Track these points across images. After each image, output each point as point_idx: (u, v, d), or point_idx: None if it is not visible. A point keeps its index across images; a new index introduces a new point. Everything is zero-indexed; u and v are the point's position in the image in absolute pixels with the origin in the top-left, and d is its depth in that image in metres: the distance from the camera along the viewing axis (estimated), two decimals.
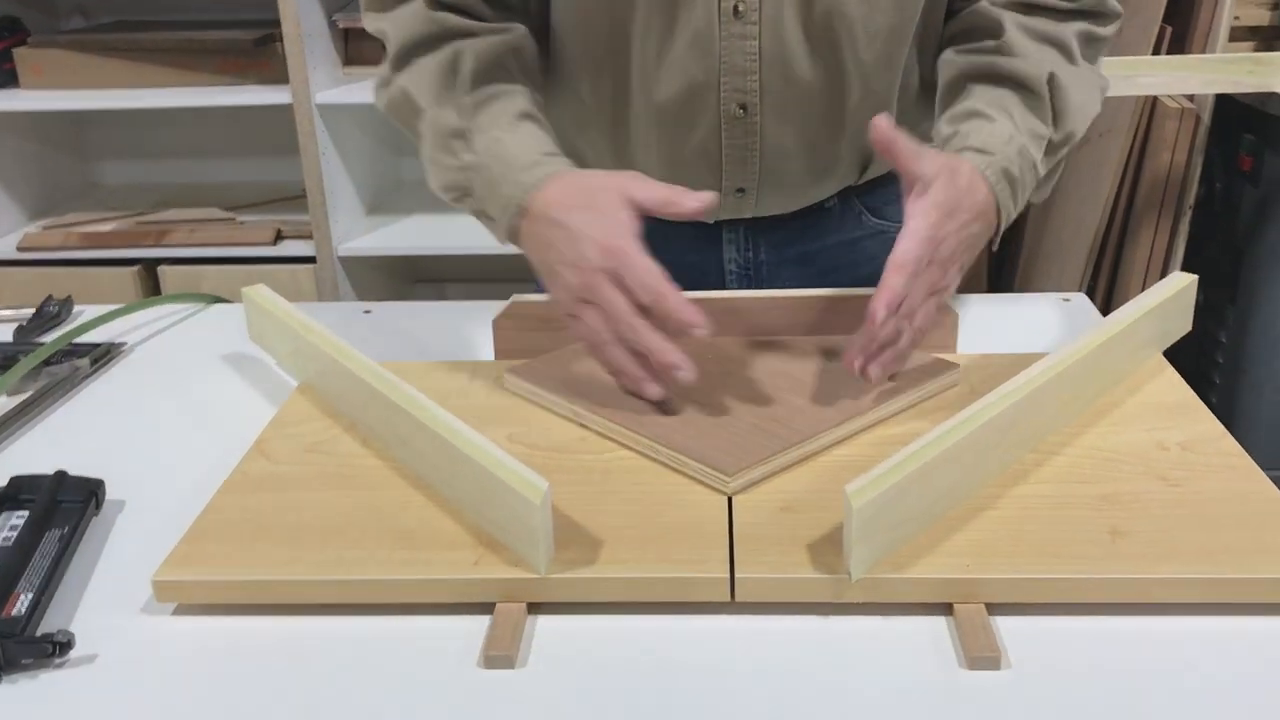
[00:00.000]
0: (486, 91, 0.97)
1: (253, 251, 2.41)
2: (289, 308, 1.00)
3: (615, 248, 0.85)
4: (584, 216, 0.87)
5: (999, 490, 0.78)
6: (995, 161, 0.91)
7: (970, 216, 0.89)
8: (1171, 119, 2.11)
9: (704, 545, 0.73)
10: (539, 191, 0.90)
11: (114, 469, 0.88)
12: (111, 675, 0.68)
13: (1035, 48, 0.97)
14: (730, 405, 0.89)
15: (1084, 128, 0.96)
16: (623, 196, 0.87)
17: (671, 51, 1.00)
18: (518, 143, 0.93)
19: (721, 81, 1.01)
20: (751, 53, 0.99)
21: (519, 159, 0.92)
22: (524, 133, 0.95)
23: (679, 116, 1.04)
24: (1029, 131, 0.95)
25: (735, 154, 1.06)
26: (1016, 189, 0.93)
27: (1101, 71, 1.02)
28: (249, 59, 2.36)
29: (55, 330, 1.18)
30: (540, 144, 0.94)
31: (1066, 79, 0.96)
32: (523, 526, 0.71)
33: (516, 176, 0.91)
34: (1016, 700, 0.64)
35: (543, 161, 0.92)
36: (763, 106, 1.02)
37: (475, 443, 0.75)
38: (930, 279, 0.87)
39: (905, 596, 0.70)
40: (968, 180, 0.89)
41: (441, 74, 0.97)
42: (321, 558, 0.73)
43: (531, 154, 0.93)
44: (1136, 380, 0.94)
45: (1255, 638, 0.68)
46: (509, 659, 0.67)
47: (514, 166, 0.92)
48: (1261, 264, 2.15)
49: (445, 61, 0.97)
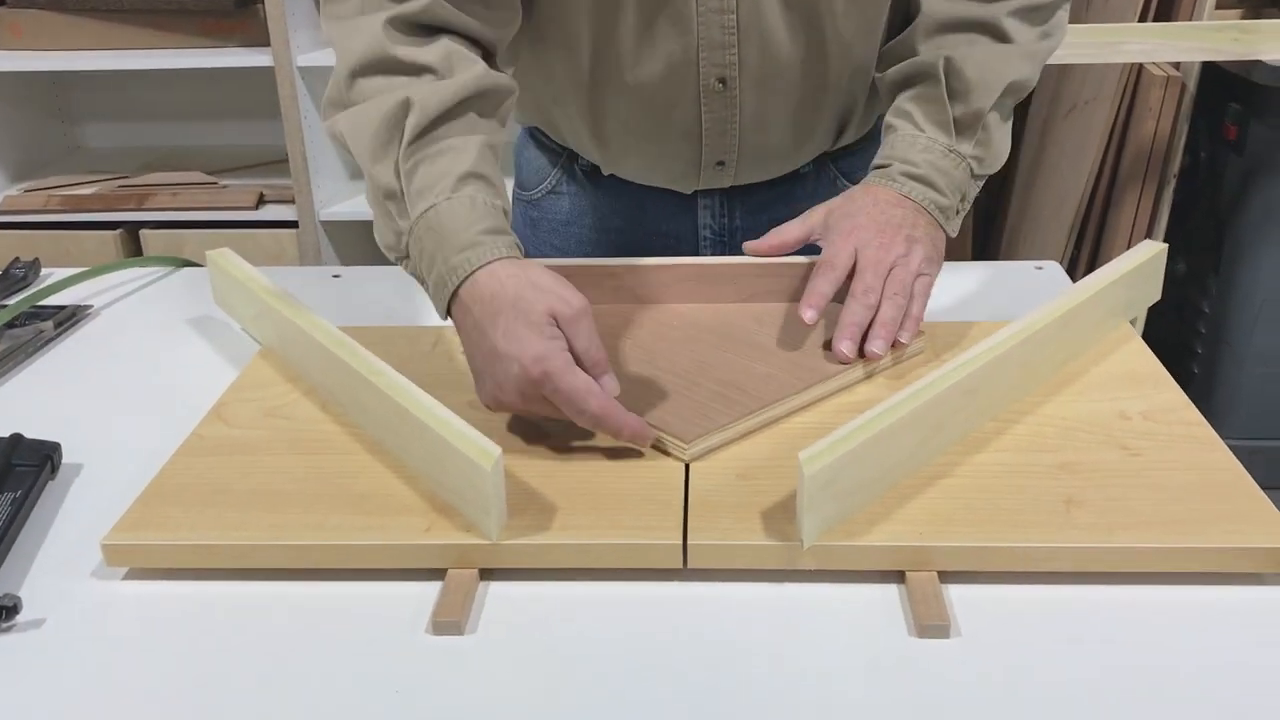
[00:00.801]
0: (427, 151, 0.86)
1: (235, 215, 2.39)
2: (252, 272, 0.99)
3: (540, 374, 0.77)
4: (507, 329, 0.79)
5: (957, 458, 0.78)
6: (891, 171, 0.96)
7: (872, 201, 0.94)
8: (1157, 87, 2.10)
9: (658, 512, 0.73)
10: (470, 281, 0.82)
11: (73, 433, 0.87)
12: (59, 640, 0.68)
13: (937, 40, 0.99)
14: (694, 372, 0.88)
15: (991, 100, 0.97)
16: (549, 313, 0.79)
17: (650, 28, 0.99)
18: (454, 215, 0.83)
19: (700, 56, 1.00)
20: (730, 27, 0.98)
21: (454, 237, 0.83)
22: (462, 202, 0.84)
23: (658, 92, 1.03)
24: (935, 123, 0.97)
25: (715, 128, 1.05)
26: (933, 176, 0.96)
27: (1052, 32, 1.02)
28: (231, 20, 2.34)
29: (21, 293, 1.17)
30: (480, 217, 0.83)
31: (964, 59, 0.97)
32: (475, 492, 0.70)
33: (449, 257, 0.82)
34: (964, 668, 0.64)
35: (480, 242, 0.82)
36: (742, 80, 1.02)
37: (429, 408, 0.75)
38: (874, 256, 0.91)
39: (857, 564, 0.70)
40: (860, 190, 0.97)
41: (385, 126, 0.86)
42: (273, 522, 0.73)
43: (469, 232, 0.83)
44: (1103, 349, 0.93)
45: (1209, 607, 0.68)
46: (458, 625, 0.67)
47: (446, 245, 0.83)
48: (1245, 233, 2.14)
49: (390, 112, 0.86)
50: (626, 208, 1.17)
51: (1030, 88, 1.02)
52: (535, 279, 0.81)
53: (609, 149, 1.11)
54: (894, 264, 0.91)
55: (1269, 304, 2.16)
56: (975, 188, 1.00)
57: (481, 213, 0.84)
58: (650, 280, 1.00)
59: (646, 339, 0.94)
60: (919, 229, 0.94)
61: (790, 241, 0.98)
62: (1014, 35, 0.98)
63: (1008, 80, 0.97)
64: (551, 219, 1.21)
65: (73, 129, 2.79)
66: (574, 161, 1.17)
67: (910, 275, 0.91)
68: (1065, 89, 2.38)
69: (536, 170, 1.21)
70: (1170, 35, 1.99)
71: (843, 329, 0.89)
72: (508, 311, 0.79)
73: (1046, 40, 1.01)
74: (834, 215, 0.96)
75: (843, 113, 1.10)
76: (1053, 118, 2.43)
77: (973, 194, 1.00)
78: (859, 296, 0.90)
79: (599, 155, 1.13)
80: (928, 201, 0.95)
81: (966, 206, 0.99)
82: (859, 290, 0.90)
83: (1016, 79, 0.98)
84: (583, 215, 1.19)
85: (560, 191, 1.20)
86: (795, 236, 0.98)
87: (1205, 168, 2.22)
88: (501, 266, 0.82)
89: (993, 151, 0.99)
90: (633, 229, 1.17)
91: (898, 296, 0.90)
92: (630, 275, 1.00)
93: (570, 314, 0.79)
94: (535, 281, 0.80)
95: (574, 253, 1.20)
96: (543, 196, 1.21)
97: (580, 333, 0.79)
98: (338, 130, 0.90)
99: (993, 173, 1.01)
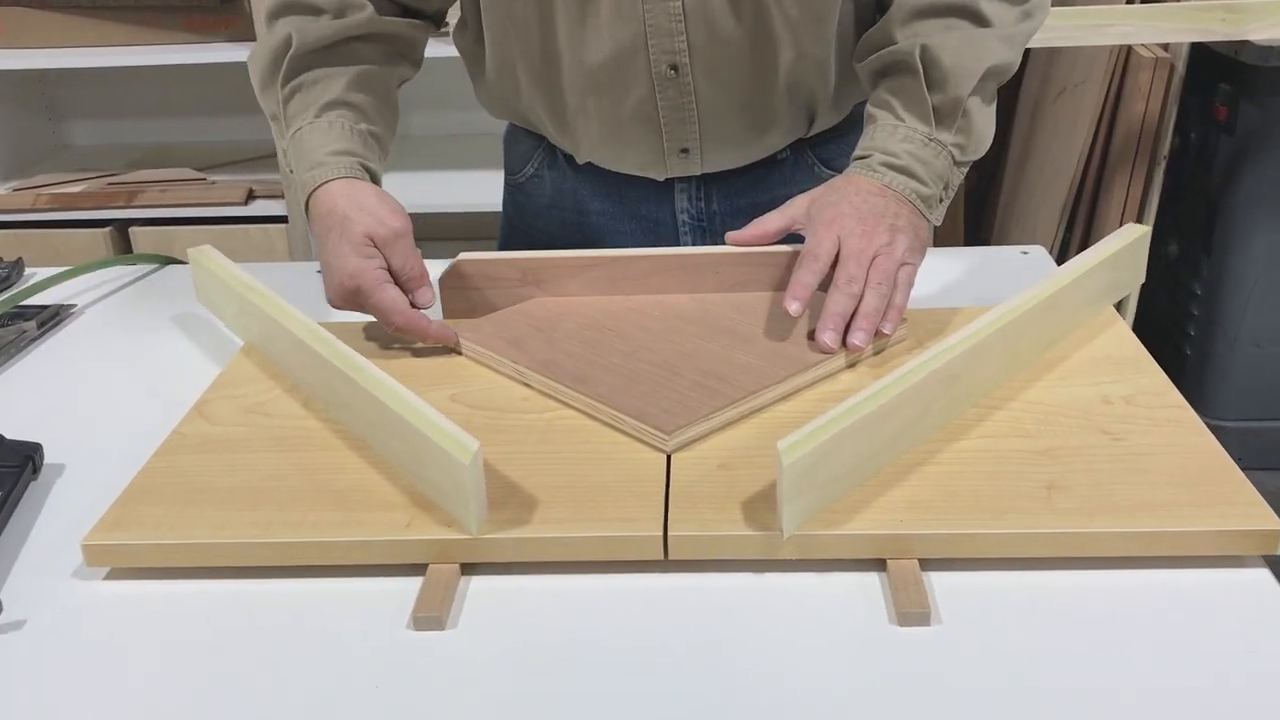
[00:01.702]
0: (303, 78, 1.00)
1: (224, 211, 2.39)
2: (233, 269, 0.99)
3: (354, 288, 0.91)
4: (332, 246, 0.92)
5: (938, 445, 0.78)
6: (871, 161, 0.96)
7: (853, 191, 0.94)
8: (1146, 69, 2.09)
9: (639, 504, 0.73)
10: (314, 198, 0.95)
11: (55, 433, 0.87)
12: (39, 640, 0.67)
13: (914, 27, 0.98)
14: (675, 363, 0.88)
15: (969, 86, 0.96)
16: (366, 235, 0.92)
17: (596, 16, 0.99)
18: (313, 135, 0.97)
19: (650, 43, 1.00)
20: (675, 13, 0.98)
21: (308, 154, 0.96)
22: (321, 125, 0.98)
23: (612, 80, 1.03)
24: (915, 113, 0.97)
25: (673, 115, 1.05)
26: (914, 166, 0.95)
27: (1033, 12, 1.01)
28: (216, 16, 2.33)
29: (4, 293, 1.17)
30: (333, 139, 0.97)
31: (940, 46, 0.96)
32: (455, 486, 0.70)
33: (302, 174, 0.96)
34: (945, 655, 0.63)
35: (325, 162, 0.95)
36: (693, 66, 1.02)
37: (409, 403, 0.74)
38: (857, 246, 0.90)
39: (838, 553, 0.70)
40: (842, 180, 0.96)
41: (272, 58, 1.00)
42: (254, 520, 0.73)
43: (318, 152, 0.96)
44: (1086, 333, 0.93)
45: (1189, 591, 0.68)
46: (439, 620, 0.67)
47: (302, 163, 0.96)
48: (1236, 215, 2.14)
49: (277, 44, 1.00)
50: (606, 193, 1.17)
51: (1012, 70, 1.01)
52: (362, 200, 0.93)
53: (577, 139, 1.11)
54: (877, 253, 0.91)
55: (1261, 285, 2.16)
56: (959, 175, 0.99)
57: (336, 135, 0.97)
58: (631, 270, 1.00)
59: (627, 329, 0.94)
60: (902, 218, 0.93)
61: (771, 231, 0.98)
62: (992, 18, 0.98)
63: (985, 66, 0.96)
64: (535, 202, 1.22)
65: (60, 127, 2.78)
66: (554, 149, 1.18)
67: (894, 264, 0.91)
68: (1054, 72, 2.37)
69: (520, 156, 1.22)
70: (1158, 16, 1.99)
71: (826, 319, 0.89)
72: (335, 229, 0.92)
73: (1027, 21, 1.00)
74: (816, 205, 0.96)
75: (805, 100, 1.09)
76: (1042, 101, 2.43)
77: (956, 181, 0.99)
78: (842, 286, 0.90)
79: (570, 145, 1.13)
80: (909, 191, 0.94)
81: (950, 194, 0.99)
82: (842, 280, 0.90)
83: (995, 64, 0.97)
84: (564, 199, 1.20)
85: (542, 176, 1.21)
86: (776, 226, 0.97)
87: (1196, 149, 2.21)
88: (337, 185, 0.94)
89: (975, 138, 0.98)
90: (613, 213, 1.18)
91: (881, 286, 0.90)
92: (611, 265, 1.00)
93: (386, 234, 0.91)
94: (361, 203, 0.93)
95: (557, 234, 1.21)
96: (527, 180, 1.22)
97: (396, 252, 0.92)
98: (249, 63, 1.04)
99: (977, 158, 1.01)
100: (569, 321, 0.95)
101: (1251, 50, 1.99)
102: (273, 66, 1.00)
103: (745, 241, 0.98)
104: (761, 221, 0.98)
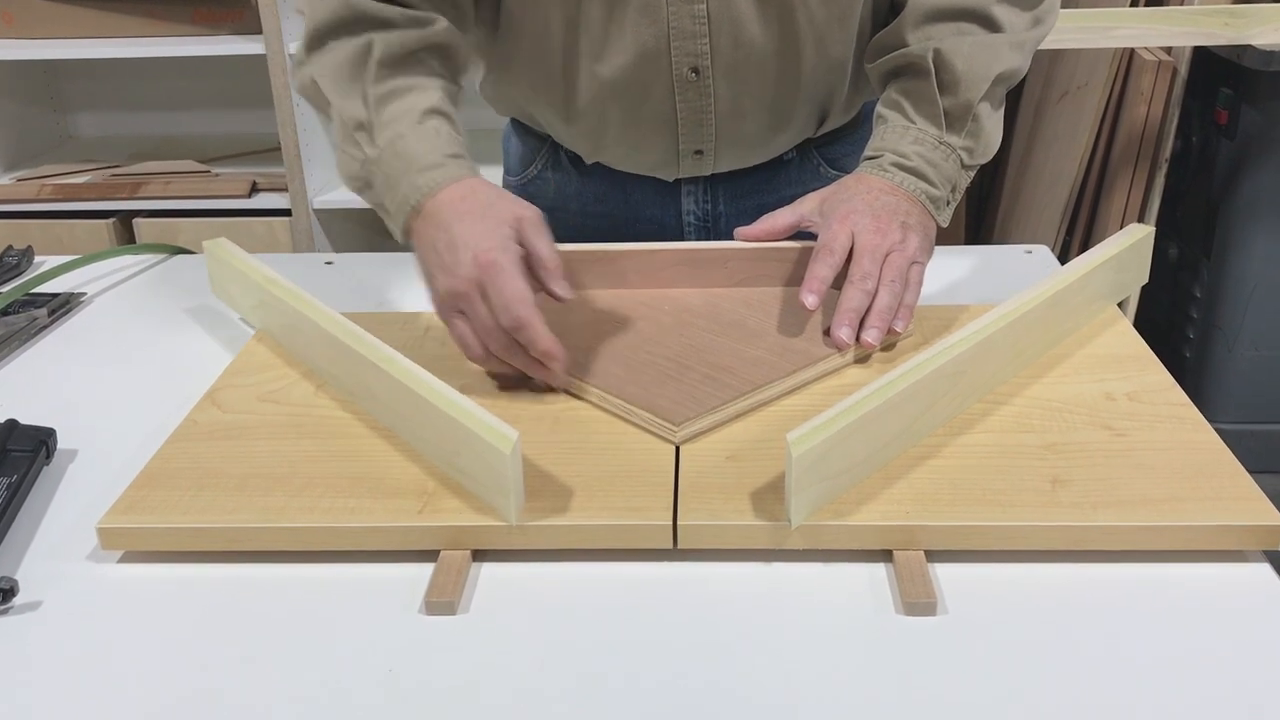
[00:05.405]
0: (394, 84, 0.93)
1: (228, 204, 2.40)
2: (251, 260, 1.00)
3: (489, 262, 0.82)
4: (469, 226, 0.85)
5: (944, 439, 0.79)
6: (882, 161, 0.96)
7: (865, 189, 0.95)
8: (1148, 72, 2.10)
9: (649, 493, 0.74)
10: (434, 195, 0.88)
11: (68, 419, 0.88)
12: (55, 622, 0.68)
13: (926, 30, 0.99)
14: (684, 356, 0.89)
15: (980, 91, 0.97)
16: (514, 217, 0.86)
17: (620, 20, 1.00)
18: (420, 141, 0.91)
19: (672, 46, 1.00)
20: (700, 16, 0.99)
21: (420, 159, 0.90)
22: (428, 131, 0.91)
23: (631, 83, 1.03)
24: (925, 115, 0.98)
25: (690, 117, 1.06)
26: (924, 168, 0.96)
27: (1043, 18, 1.02)
28: (223, 9, 2.33)
29: (15, 280, 1.17)
30: (444, 144, 0.91)
31: (952, 50, 0.97)
32: (493, 476, 0.71)
33: (414, 178, 0.89)
34: (951, 646, 0.64)
35: (444, 164, 0.90)
36: (714, 70, 1.02)
37: (444, 394, 0.75)
38: (871, 241, 0.91)
39: (845, 543, 0.71)
40: (853, 178, 0.97)
41: (351, 64, 0.94)
42: (267, 505, 0.74)
43: (433, 155, 0.90)
44: (1090, 331, 0.94)
45: (1191, 585, 0.69)
46: (450, 605, 0.68)
47: (413, 166, 0.90)
48: (1237, 218, 2.15)
49: (356, 51, 0.94)
50: (610, 194, 1.17)
51: (1021, 76, 1.02)
52: (502, 193, 0.90)
53: (588, 140, 1.11)
54: (890, 250, 0.91)
55: (1260, 288, 2.17)
56: (966, 178, 1.00)
57: (445, 140, 0.92)
58: (642, 265, 1.01)
59: (638, 323, 0.95)
60: (913, 217, 0.94)
61: (781, 228, 0.98)
62: (1004, 23, 0.99)
63: (996, 71, 0.97)
64: (537, 203, 1.20)
65: (65, 118, 2.79)
66: (558, 149, 1.18)
67: (906, 262, 0.92)
68: (1057, 74, 2.38)
69: (521, 157, 1.22)
70: (1161, 20, 2.00)
71: (841, 315, 0.89)
72: (476, 211, 0.86)
73: (1038, 27, 1.01)
74: (829, 202, 0.97)
75: (821, 101, 1.10)
76: (1045, 103, 2.44)
77: (964, 184, 1.00)
78: (857, 283, 0.90)
79: (579, 145, 1.13)
80: (919, 192, 0.95)
81: (958, 197, 1.00)
82: (857, 276, 0.90)
83: (1005, 69, 0.98)
84: (568, 201, 1.19)
85: (545, 177, 1.20)
86: (787, 223, 0.98)
87: (1197, 152, 2.22)
88: (469, 182, 0.89)
89: (983, 142, 0.99)
90: (618, 214, 1.18)
91: (894, 284, 0.91)
92: (622, 260, 1.01)
93: (533, 216, 0.87)
94: (502, 194, 0.90)
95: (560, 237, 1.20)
96: (529, 181, 1.22)
97: (541, 238, 0.87)
98: (309, 77, 0.97)
99: (984, 162, 1.02)
100: (579, 315, 0.96)
101: (1253, 55, 2.00)
102: (356, 70, 0.94)
103: (754, 237, 0.99)
104: (771, 217, 0.99)
